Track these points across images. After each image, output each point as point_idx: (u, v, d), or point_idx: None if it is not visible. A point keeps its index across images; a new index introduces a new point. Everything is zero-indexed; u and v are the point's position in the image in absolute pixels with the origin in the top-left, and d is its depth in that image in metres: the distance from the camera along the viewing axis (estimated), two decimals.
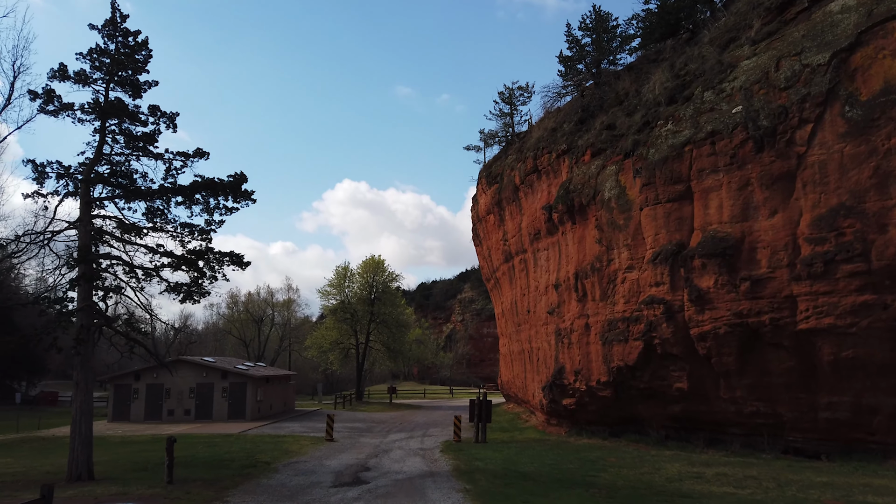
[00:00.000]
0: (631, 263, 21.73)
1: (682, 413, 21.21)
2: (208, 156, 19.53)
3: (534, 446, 22.83)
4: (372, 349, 59.32)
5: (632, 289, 21.58)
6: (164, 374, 35.60)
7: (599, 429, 24.96)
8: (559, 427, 27.53)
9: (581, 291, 24.38)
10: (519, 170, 31.50)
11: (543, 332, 28.61)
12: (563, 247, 26.56)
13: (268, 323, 73.80)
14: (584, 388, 23.97)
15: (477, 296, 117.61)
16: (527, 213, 30.97)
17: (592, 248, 23.81)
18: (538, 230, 29.36)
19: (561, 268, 26.74)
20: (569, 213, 25.33)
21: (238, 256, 19.69)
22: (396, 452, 21.93)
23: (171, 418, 35.16)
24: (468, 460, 19.31)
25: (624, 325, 21.64)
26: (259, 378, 36.73)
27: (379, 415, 42.22)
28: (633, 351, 21.20)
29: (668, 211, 20.52)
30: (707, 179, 19.53)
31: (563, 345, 25.62)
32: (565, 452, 20.64)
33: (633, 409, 22.96)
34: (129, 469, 17.58)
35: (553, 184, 27.94)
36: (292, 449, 22.27)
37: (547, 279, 28.51)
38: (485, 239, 40.48)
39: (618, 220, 22.30)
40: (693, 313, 19.35)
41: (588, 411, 24.89)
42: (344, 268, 57.50)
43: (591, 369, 23.67)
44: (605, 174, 23.32)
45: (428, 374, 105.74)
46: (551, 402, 26.45)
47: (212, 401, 35.46)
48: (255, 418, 35.70)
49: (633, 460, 18.63)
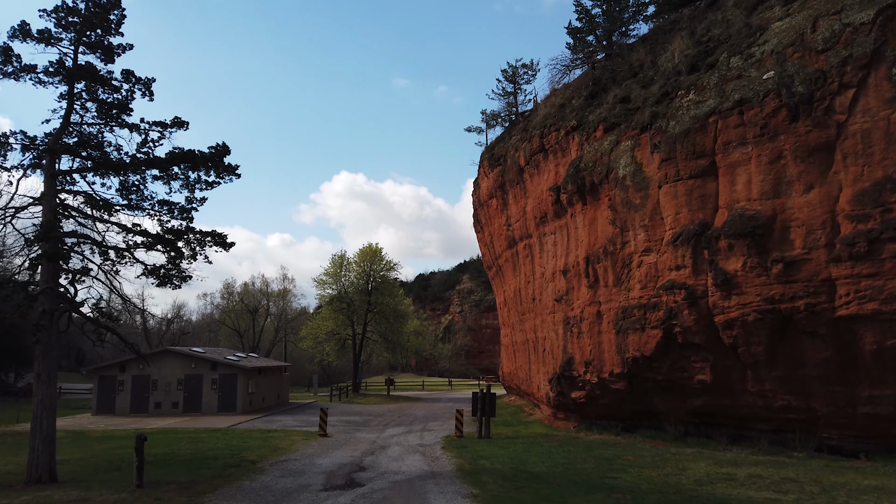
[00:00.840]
0: (648, 246, 20.08)
1: (704, 407, 19.63)
2: (187, 126, 17.79)
3: (541, 442, 21.27)
4: (369, 340, 57.73)
5: (649, 273, 19.95)
6: (151, 365, 34.01)
7: (611, 423, 23.39)
8: (567, 421, 25.98)
9: (592, 277, 22.74)
10: (524, 150, 29.78)
11: (550, 320, 27.00)
12: (573, 230, 24.90)
13: (263, 313, 72.11)
14: (595, 380, 22.39)
15: (476, 287, 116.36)
16: (532, 195, 29.28)
17: (605, 229, 22.15)
18: (544, 213, 27.68)
19: (570, 252, 25.09)
20: (579, 194, 23.65)
21: (221, 236, 18.00)
22: (394, 449, 20.36)
23: (158, 411, 33.55)
24: (472, 459, 17.73)
25: (640, 313, 20.02)
26: (251, 369, 35.12)
27: (376, 407, 40.68)
28: (651, 340, 19.59)
29: (690, 188, 18.85)
30: (734, 153, 17.85)
31: (573, 334, 24.01)
32: (577, 449, 19.08)
33: (649, 403, 21.39)
34: (100, 469, 15.97)
35: (561, 163, 26.25)
36: (282, 445, 20.67)
37: (554, 265, 26.87)
38: (486, 225, 38.78)
39: (633, 200, 20.63)
40: (718, 299, 17.73)
41: (599, 405, 23.32)
42: (340, 256, 55.81)
43: (602, 360, 22.07)
44: (620, 150, 21.63)
45: (426, 365, 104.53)
46: (559, 396, 24.88)
47: (201, 393, 33.85)
48: (246, 411, 34.12)
49: (653, 459, 17.06)
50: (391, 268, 55.99)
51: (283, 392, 41.99)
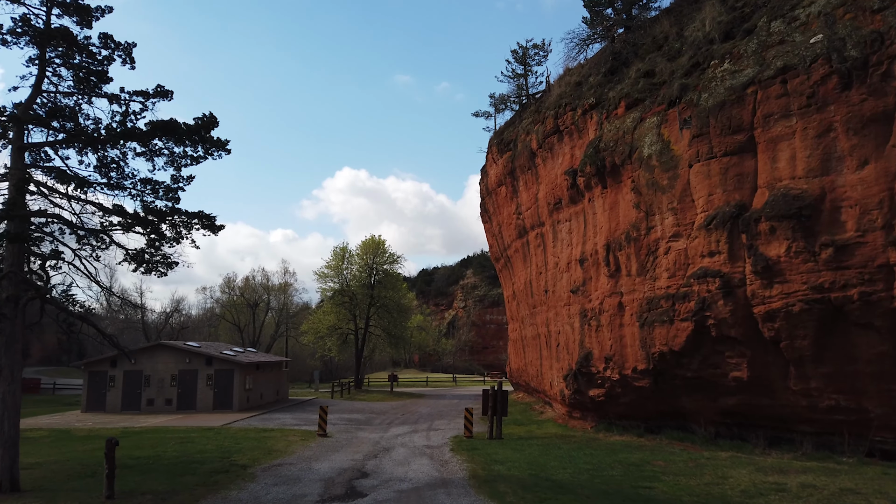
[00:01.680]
0: (677, 230, 18.37)
1: (738, 407, 17.95)
2: (171, 95, 16.10)
3: (559, 444, 19.62)
4: (372, 335, 56.09)
5: (678, 260, 18.25)
6: (144, 361, 32.47)
7: (632, 423, 21.73)
8: (583, 421, 24.31)
9: (613, 265, 21.04)
10: (536, 132, 28.05)
11: (565, 313, 25.31)
12: (590, 216, 23.19)
13: (263, 308, 70.53)
14: (616, 377, 20.72)
15: (480, 282, 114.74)
16: (545, 180, 27.56)
17: (628, 214, 20.44)
18: (559, 199, 25.97)
19: (587, 240, 23.38)
20: (598, 176, 21.93)
21: (209, 218, 16.32)
22: (399, 451, 18.75)
23: (151, 409, 31.99)
24: (486, 463, 16.09)
25: (668, 304, 18.32)
26: (248, 364, 33.52)
27: (379, 404, 39.09)
28: (680, 334, 17.90)
29: (725, 166, 17.13)
30: (776, 126, 16.11)
31: (590, 328, 22.32)
32: (599, 453, 17.42)
33: (676, 402, 19.71)
34: (73, 475, 14.36)
35: (577, 145, 24.52)
36: (277, 447, 19.06)
37: (569, 254, 25.17)
38: (495, 214, 37.07)
39: (660, 181, 18.92)
40: (758, 288, 16.02)
41: (619, 404, 21.65)
42: (342, 248, 54.08)
43: (624, 355, 20.40)
44: (644, 128, 19.90)
45: (429, 361, 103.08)
46: (575, 393, 23.21)
47: (195, 389, 32.26)
48: (243, 409, 32.54)
49: (686, 464, 15.40)
50: (394, 260, 54.32)
51: (283, 388, 40.41)
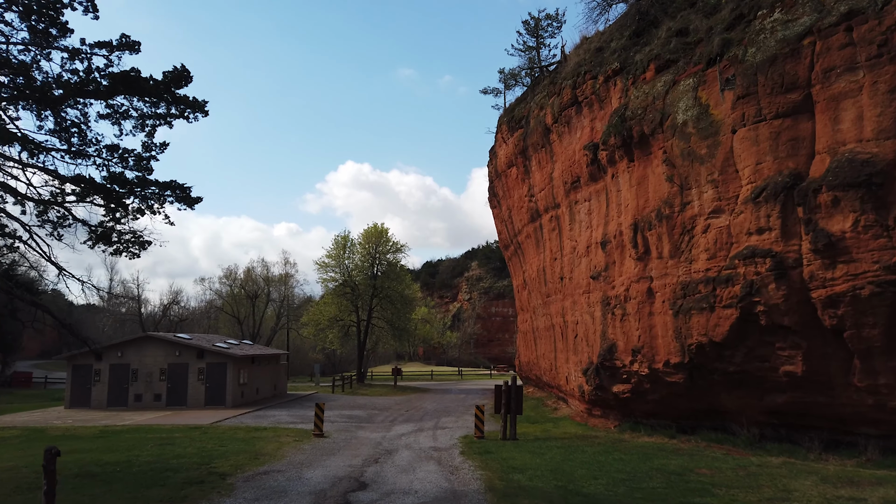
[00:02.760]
0: (718, 205, 16.18)
1: (789, 406, 15.80)
2: (139, 47, 13.97)
3: (581, 447, 17.52)
4: (375, 327, 54.03)
5: (719, 239, 16.06)
6: (131, 354, 30.50)
7: (662, 423, 19.62)
8: (604, 419, 22.21)
9: (641, 247, 18.86)
10: (551, 105, 25.82)
11: (584, 301, 23.17)
12: (613, 193, 21.00)
13: (263, 299, 68.53)
14: (644, 371, 18.59)
15: (485, 274, 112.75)
16: (561, 158, 25.36)
17: (659, 189, 18.25)
18: (577, 177, 23.78)
19: (610, 220, 21.21)
20: (624, 148, 19.72)
21: (183, 189, 14.25)
22: (403, 454, 16.68)
23: (139, 405, 30.02)
24: (503, 470, 14.00)
25: (708, 289, 16.16)
26: (242, 358, 31.51)
27: (382, 399, 37.08)
28: (723, 322, 15.74)
29: (777, 130, 14.91)
30: (838, 82, 13.88)
31: (614, 317, 20.18)
32: (631, 458, 15.31)
33: (714, 400, 17.58)
34: (22, 486, 12.30)
35: (598, 117, 22.30)
36: (266, 450, 17.00)
37: (589, 237, 23.00)
38: (504, 198, 34.89)
39: (697, 150, 16.71)
40: (818, 269, 13.84)
41: (647, 401, 19.54)
42: (344, 237, 51.95)
43: (655, 347, 18.26)
44: (678, 92, 17.68)
45: (434, 354, 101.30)
46: (597, 389, 21.10)
47: (186, 384, 30.27)
48: (237, 404, 30.55)
49: (736, 473, 13.27)
50: (398, 249, 52.18)
51: (281, 383, 38.43)
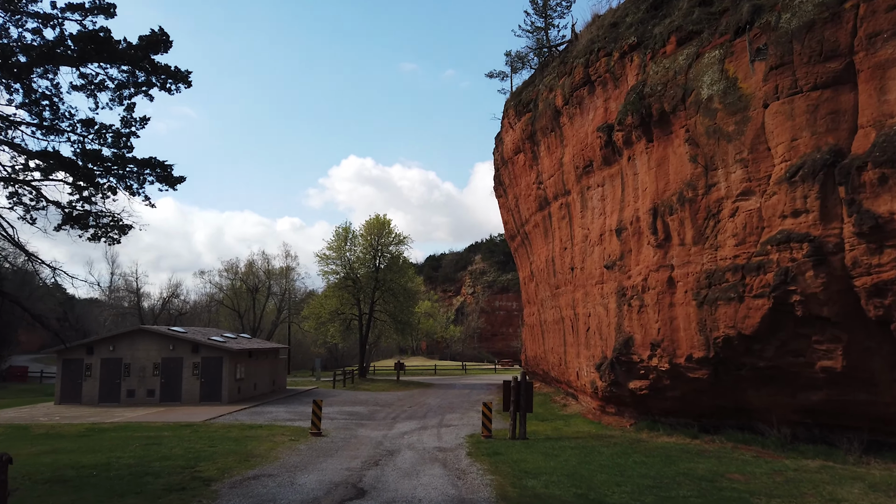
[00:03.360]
0: (748, 186, 14.88)
1: (825, 404, 14.54)
2: (114, 10, 12.73)
3: (597, 447, 16.31)
4: (377, 320, 52.87)
5: (749, 223, 14.77)
6: (123, 348, 29.38)
7: (681, 421, 18.39)
8: (619, 417, 20.99)
9: (662, 234, 17.58)
10: (562, 86, 24.49)
11: (597, 293, 21.92)
12: (630, 177, 19.71)
13: (264, 292, 67.43)
14: (665, 366, 17.34)
15: (489, 267, 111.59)
16: (572, 142, 24.05)
17: (681, 170, 16.95)
18: (589, 161, 22.48)
19: (625, 206, 19.92)
20: (642, 127, 18.42)
21: (164, 167, 13.02)
22: (406, 456, 15.50)
23: (132, 400, 28.92)
24: (515, 475, 12.79)
25: (736, 277, 14.88)
26: (239, 352, 30.36)
27: (384, 395, 35.94)
28: (753, 313, 14.46)
29: (815, 103, 13.59)
30: (885, 48, 12.56)
31: (631, 309, 18.93)
32: (653, 461, 14.09)
33: (741, 397, 16.32)
34: None
35: (612, 96, 20.98)
36: (258, 451, 15.82)
37: (602, 224, 21.72)
38: (511, 186, 33.59)
39: (724, 127, 15.40)
40: (862, 254, 12.56)
41: (666, 398, 18.30)
42: (345, 229, 50.73)
43: (676, 340, 17.01)
44: (702, 65, 16.36)
45: (437, 348, 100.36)
46: (611, 385, 19.87)
47: (180, 379, 29.16)
48: (233, 400, 29.43)
49: (772, 479, 12.04)
50: (401, 241, 50.96)
51: (280, 378, 37.30)
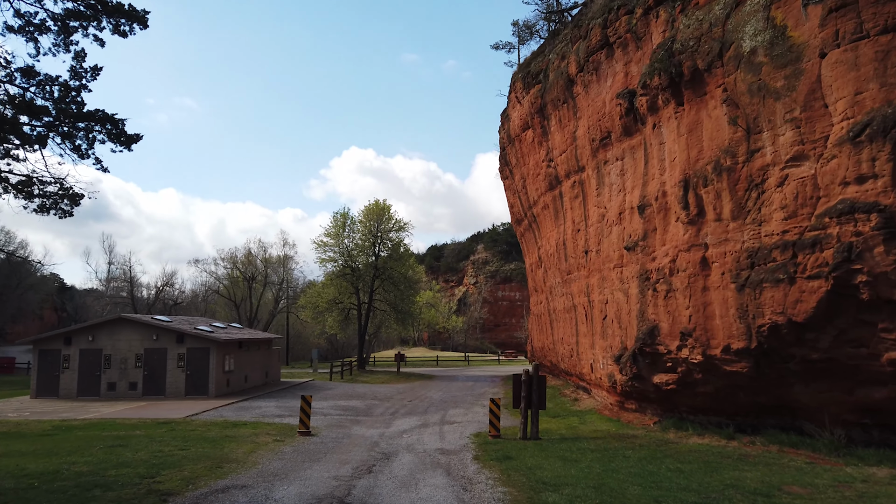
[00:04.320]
0: (800, 150, 12.81)
1: (889, 402, 12.55)
2: None
3: (620, 450, 14.35)
4: (377, 310, 50.95)
5: (802, 193, 12.72)
6: (103, 338, 27.47)
7: (714, 420, 16.43)
8: (641, 414, 19.04)
9: (694, 208, 15.53)
10: (576, 52, 22.36)
11: (615, 277, 19.91)
12: (654, 147, 17.64)
13: (260, 281, 65.49)
14: (697, 358, 15.34)
15: (491, 257, 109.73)
16: (587, 112, 21.97)
17: (717, 135, 14.88)
18: (606, 132, 20.42)
19: (649, 180, 17.88)
20: (671, 89, 16.33)
21: (115, 122, 11.00)
22: (404, 460, 13.58)
23: (112, 394, 27.05)
24: (530, 488, 10.84)
25: (785, 256, 12.85)
26: (227, 342, 28.45)
27: (383, 388, 34.07)
28: (807, 297, 12.45)
29: (884, 49, 11.51)
30: None
31: (656, 294, 16.92)
32: (690, 467, 12.13)
33: (786, 393, 14.34)
34: None
35: (634, 59, 18.88)
36: (235, 455, 13.89)
37: (621, 202, 19.69)
38: (518, 166, 31.51)
39: (771, 83, 13.32)
40: None
41: (696, 394, 16.33)
42: (343, 214, 48.64)
43: (710, 329, 15.00)
44: (742, 14, 14.25)
45: (439, 339, 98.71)
46: (633, 379, 17.90)
47: (164, 371, 27.27)
48: (222, 394, 27.55)
49: (840, 493, 10.07)
50: (401, 228, 48.92)
51: (273, 369, 35.42)
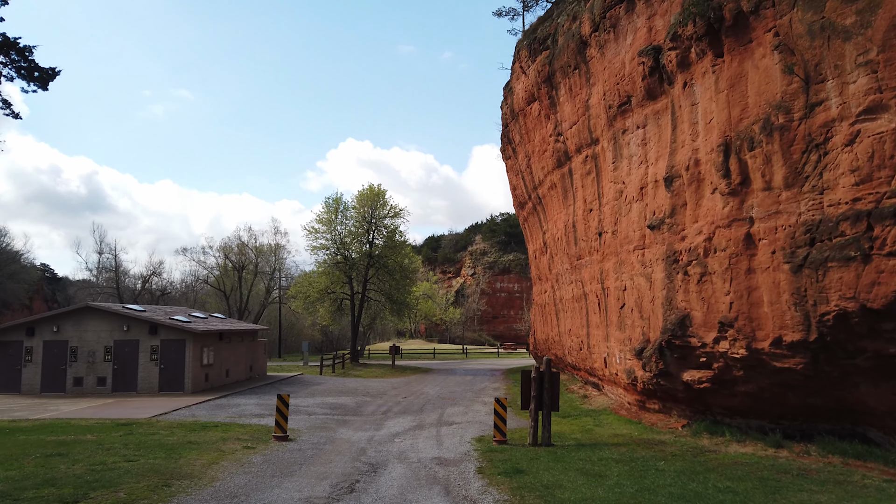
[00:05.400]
0: (876, 100, 10.50)
1: None
2: None
3: (652, 461, 12.13)
4: (371, 300, 48.68)
5: (879, 152, 10.42)
6: (69, 328, 25.15)
7: (755, 423, 14.20)
8: (666, 415, 16.82)
9: (736, 176, 13.22)
10: (590, 10, 19.98)
11: (636, 261, 17.64)
12: (684, 110, 15.33)
13: (251, 270, 63.09)
14: (740, 352, 13.08)
15: (489, 247, 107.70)
16: (602, 77, 19.63)
17: (766, 88, 12.55)
18: (626, 98, 18.10)
19: (678, 148, 15.57)
20: (708, 38, 13.98)
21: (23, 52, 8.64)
22: (394, 473, 11.34)
23: (79, 390, 24.75)
24: None
25: (858, 229, 10.57)
26: (206, 334, 26.14)
27: (376, 383, 31.85)
28: (887, 278, 10.17)
29: None
30: None
31: (688, 278, 14.65)
32: (744, 486, 9.90)
33: (849, 395, 12.10)
34: None
35: (659, 11, 16.51)
36: (192, 467, 11.59)
37: (643, 175, 17.39)
38: (522, 143, 29.16)
39: (839, 20, 10.99)
40: None
41: (735, 393, 14.08)
42: (336, 200, 46.25)
43: (756, 318, 12.73)
44: None
45: (436, 331, 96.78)
46: (658, 376, 15.66)
47: (136, 365, 24.97)
48: (199, 390, 25.29)
49: None
50: (396, 214, 46.54)
51: (258, 363, 33.13)
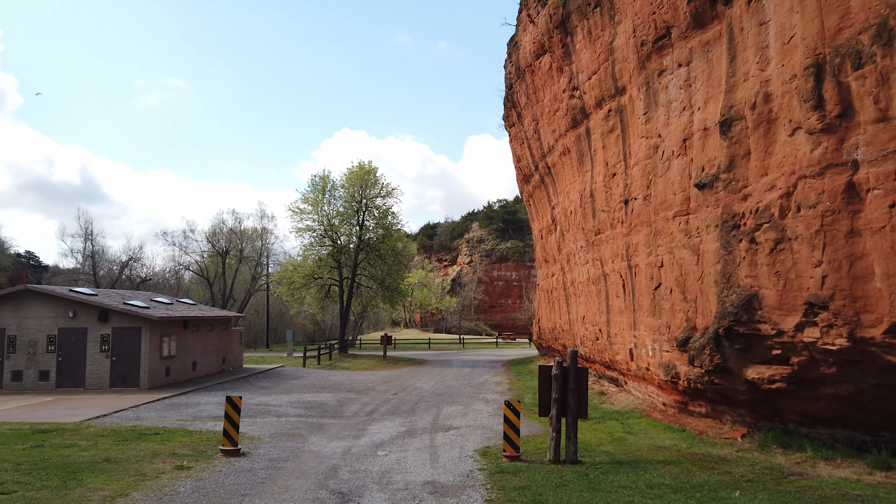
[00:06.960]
0: None
1: None
2: None
3: (719, 489, 8.92)
4: (362, 287, 45.36)
5: None
6: (6, 314, 21.78)
7: (842, 435, 10.98)
8: (716, 421, 13.59)
9: (834, 107, 9.85)
10: None
11: (675, 230, 14.35)
12: (748, 33, 11.97)
13: (235, 256, 59.64)
14: (838, 342, 9.81)
15: (487, 235, 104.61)
16: (631, 10, 16.24)
17: None
18: (664, 30, 14.73)
19: (738, 83, 12.23)
20: None
21: None
22: None
23: (17, 385, 21.43)
24: None
25: None
26: (166, 321, 22.79)
27: (364, 376, 28.63)
28: None
29: None
30: None
31: (754, 248, 11.37)
32: None
33: None
34: None
35: None
36: (91, 500, 8.31)
37: (686, 124, 14.06)
38: (528, 105, 25.75)
39: None
40: None
41: (820, 396, 10.83)
42: (323, 178, 42.79)
43: (862, 297, 9.44)
44: None
45: (432, 321, 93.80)
46: (713, 372, 12.41)
47: (84, 357, 21.64)
48: (158, 385, 21.99)
49: None
50: (388, 193, 43.15)
51: (233, 354, 29.81)
